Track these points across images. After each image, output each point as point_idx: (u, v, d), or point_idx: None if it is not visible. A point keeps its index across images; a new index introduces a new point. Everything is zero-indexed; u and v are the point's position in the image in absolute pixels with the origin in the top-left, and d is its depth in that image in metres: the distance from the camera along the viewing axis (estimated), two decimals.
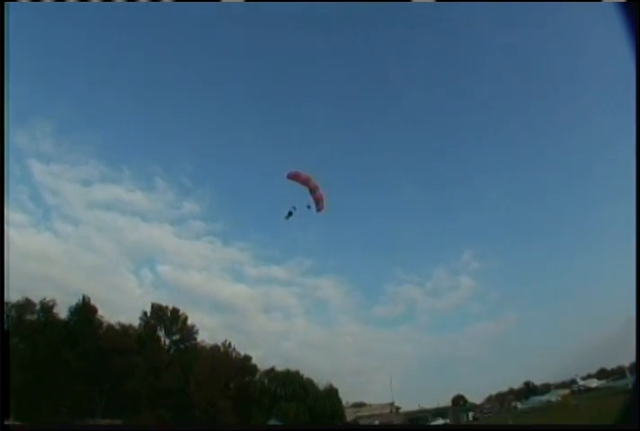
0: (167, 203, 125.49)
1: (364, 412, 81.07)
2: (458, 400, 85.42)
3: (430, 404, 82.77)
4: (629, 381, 65.70)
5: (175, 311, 59.81)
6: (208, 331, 69.27)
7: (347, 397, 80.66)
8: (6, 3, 9.07)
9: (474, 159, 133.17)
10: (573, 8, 73.09)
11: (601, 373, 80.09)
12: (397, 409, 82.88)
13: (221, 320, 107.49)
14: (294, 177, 25.18)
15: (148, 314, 59.13)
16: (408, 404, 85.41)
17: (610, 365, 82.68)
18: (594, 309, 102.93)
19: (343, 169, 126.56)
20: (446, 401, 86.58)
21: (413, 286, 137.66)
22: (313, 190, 24.59)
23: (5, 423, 9.20)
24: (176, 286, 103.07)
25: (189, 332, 61.14)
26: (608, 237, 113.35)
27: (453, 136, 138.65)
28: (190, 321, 60.79)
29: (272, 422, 65.75)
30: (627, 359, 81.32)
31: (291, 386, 71.80)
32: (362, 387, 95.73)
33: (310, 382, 73.27)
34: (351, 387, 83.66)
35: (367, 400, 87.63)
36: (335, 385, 76.89)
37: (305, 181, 24.83)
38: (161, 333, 60.31)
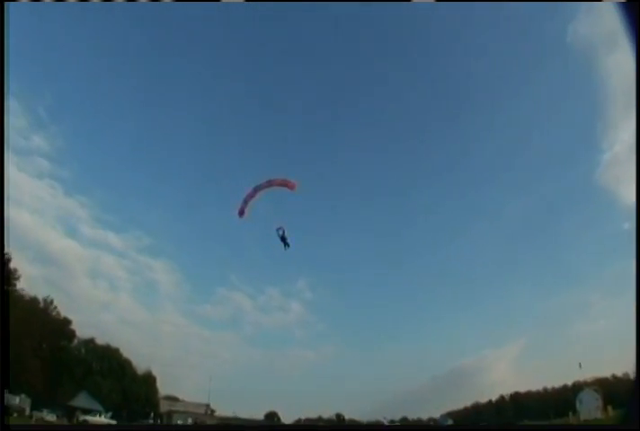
0: (16, 130, 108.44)
1: (178, 407, 79.71)
2: (272, 417, 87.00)
3: (243, 414, 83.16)
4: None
5: None
6: (28, 280, 63.36)
7: (161, 387, 79.05)
8: (6, 3, 9.22)
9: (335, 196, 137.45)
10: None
11: (404, 421, 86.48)
12: (212, 411, 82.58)
13: (44, 272, 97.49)
14: (245, 206, 23.45)
15: None
16: (221, 408, 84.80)
17: (412, 415, 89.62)
18: (405, 363, 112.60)
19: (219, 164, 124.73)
20: (259, 415, 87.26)
21: (245, 297, 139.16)
22: (270, 185, 23.49)
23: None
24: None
25: (8, 275, 57.01)
26: (432, 289, 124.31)
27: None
28: (12, 265, 56.02)
29: (83, 394, 62.74)
30: (427, 413, 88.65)
31: (109, 362, 69.30)
32: (177, 381, 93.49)
33: (129, 363, 71.22)
34: (166, 378, 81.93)
35: (180, 396, 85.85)
36: (154, 373, 75.59)
37: (255, 193, 23.48)
38: None
